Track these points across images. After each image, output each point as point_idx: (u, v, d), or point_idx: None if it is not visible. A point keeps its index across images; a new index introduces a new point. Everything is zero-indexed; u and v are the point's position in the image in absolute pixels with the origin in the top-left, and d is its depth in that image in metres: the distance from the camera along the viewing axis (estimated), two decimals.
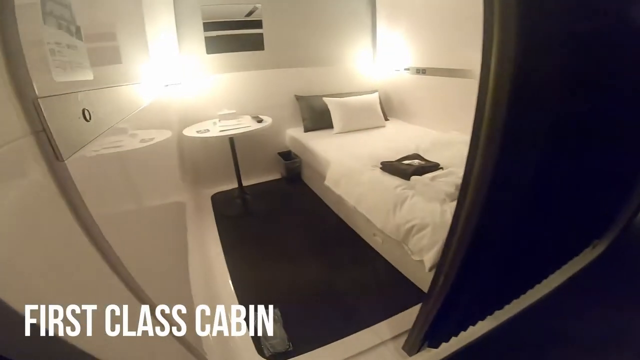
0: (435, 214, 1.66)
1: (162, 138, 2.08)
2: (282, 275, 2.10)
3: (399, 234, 1.80)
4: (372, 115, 3.44)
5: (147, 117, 1.69)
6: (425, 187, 1.83)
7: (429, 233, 1.63)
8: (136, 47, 1.91)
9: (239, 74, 3.33)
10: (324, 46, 3.65)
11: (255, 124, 2.77)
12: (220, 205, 3.11)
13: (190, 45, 3.09)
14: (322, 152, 2.78)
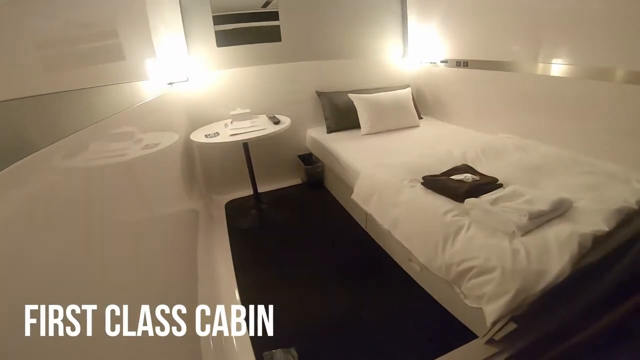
0: (504, 254, 1.23)
1: (165, 142, 1.87)
2: (300, 305, 1.77)
3: (448, 274, 1.38)
4: (404, 114, 2.99)
5: (138, 118, 1.51)
6: (486, 215, 1.40)
7: (495, 280, 1.21)
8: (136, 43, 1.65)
9: (253, 68, 2.95)
10: (348, 37, 3.22)
11: (272, 125, 2.38)
12: (235, 216, 2.77)
13: (198, 38, 2.74)
14: (349, 158, 2.37)
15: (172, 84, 2.26)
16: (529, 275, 1.18)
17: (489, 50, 2.59)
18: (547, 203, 1.37)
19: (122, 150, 1.24)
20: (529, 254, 1.22)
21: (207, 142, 2.18)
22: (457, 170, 1.80)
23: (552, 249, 1.22)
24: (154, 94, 1.88)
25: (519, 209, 1.35)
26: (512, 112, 2.53)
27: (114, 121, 1.16)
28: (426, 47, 3.23)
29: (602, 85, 1.86)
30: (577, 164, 1.85)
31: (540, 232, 1.31)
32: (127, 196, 1.18)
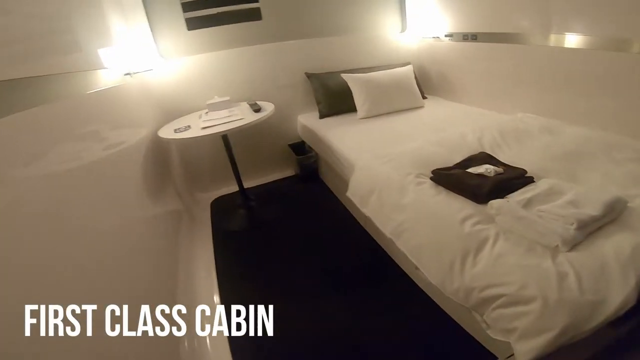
0: (547, 279, 0.90)
1: (126, 139, 1.65)
2: (289, 320, 1.48)
3: (467, 300, 1.05)
4: (406, 94, 2.61)
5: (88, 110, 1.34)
6: (518, 223, 1.05)
7: (534, 313, 0.88)
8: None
9: (232, 51, 2.57)
10: (339, 11, 2.82)
11: (252, 114, 2.04)
12: (221, 216, 2.47)
13: (165, 22, 2.38)
14: (343, 147, 2.02)
15: (130, 74, 1.91)
16: (581, 308, 0.85)
17: (499, 22, 2.25)
18: (597, 205, 1.03)
19: (76, 150, 1.14)
20: (580, 279, 0.89)
21: (175, 138, 1.84)
22: (474, 161, 1.44)
23: (612, 271, 0.89)
24: (108, 85, 1.59)
25: (563, 215, 1.01)
26: (528, 88, 2.20)
27: (48, 110, 1.02)
28: (428, 21, 2.85)
29: (624, 57, 1.60)
30: (617, 148, 1.49)
31: (593, 246, 0.97)
32: (79, 200, 1.06)
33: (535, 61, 2.07)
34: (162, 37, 2.39)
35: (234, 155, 2.28)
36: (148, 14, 2.31)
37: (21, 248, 0.73)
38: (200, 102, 2.38)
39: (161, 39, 2.39)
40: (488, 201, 1.17)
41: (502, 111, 2.31)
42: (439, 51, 2.87)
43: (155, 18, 2.33)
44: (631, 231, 1.01)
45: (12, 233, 0.71)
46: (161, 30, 2.38)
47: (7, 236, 0.69)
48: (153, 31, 2.35)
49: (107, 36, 1.85)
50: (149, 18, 2.30)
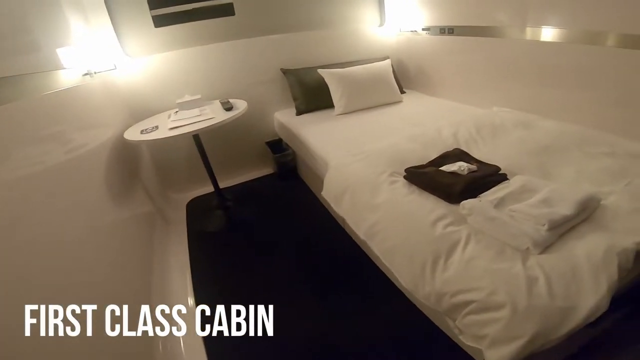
0: (517, 285, 0.86)
1: (88, 141, 1.59)
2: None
3: (439, 305, 1.01)
4: (384, 88, 2.56)
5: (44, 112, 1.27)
6: (490, 224, 1.02)
7: (503, 320, 0.84)
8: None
9: (203, 47, 2.46)
10: (316, 4, 2.73)
11: (223, 112, 1.95)
12: (197, 217, 2.39)
13: (130, 19, 2.25)
14: (318, 145, 1.96)
15: (90, 74, 1.80)
16: (551, 314, 0.82)
17: (476, 15, 2.22)
18: (570, 204, 1.00)
19: (33, 154, 1.09)
20: (550, 284, 0.85)
21: (141, 140, 1.75)
22: (448, 158, 1.40)
23: (584, 275, 0.86)
24: (67, 85, 1.51)
25: (535, 215, 0.97)
26: (503, 82, 2.18)
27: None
28: (406, 14, 2.79)
29: (600, 51, 1.58)
30: (591, 142, 1.48)
31: (565, 248, 0.94)
32: (39, 206, 1.02)
33: (511, 55, 2.05)
34: (128, 35, 2.26)
35: (207, 156, 2.19)
36: (111, 12, 2.17)
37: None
38: (170, 101, 2.26)
39: (126, 37, 2.26)
40: (461, 201, 1.13)
41: (479, 105, 2.28)
42: (417, 45, 2.83)
43: (119, 16, 2.20)
44: (604, 231, 0.99)
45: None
46: (126, 28, 2.25)
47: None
48: (117, 29, 2.22)
49: (66, 35, 1.75)
50: (111, 16, 2.17)
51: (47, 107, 1.31)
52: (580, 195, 1.05)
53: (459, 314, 0.95)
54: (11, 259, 0.82)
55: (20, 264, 0.85)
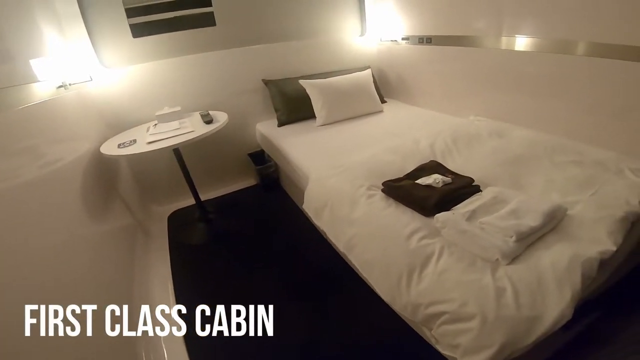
0: (486, 296, 0.91)
1: (63, 155, 1.60)
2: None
3: (415, 316, 1.06)
4: (365, 99, 2.61)
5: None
6: (462, 237, 1.07)
7: (474, 330, 0.89)
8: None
9: (183, 58, 2.45)
10: (297, 15, 2.77)
11: (203, 126, 1.97)
12: (178, 230, 2.39)
13: (108, 29, 2.22)
14: (298, 157, 1.99)
15: (65, 87, 1.79)
16: (517, 324, 0.86)
17: (453, 25, 2.29)
18: (537, 215, 1.06)
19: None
20: (517, 295, 0.91)
21: (118, 155, 1.76)
22: (424, 170, 1.46)
23: (549, 285, 0.91)
24: (41, 98, 1.51)
25: (503, 227, 1.03)
26: (480, 91, 2.26)
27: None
28: (386, 24, 2.86)
29: (570, 59, 1.66)
30: (561, 151, 1.56)
31: (532, 259, 1.00)
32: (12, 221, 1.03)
33: (487, 64, 2.13)
34: (104, 46, 2.24)
35: (187, 168, 2.20)
36: (87, 21, 2.14)
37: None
38: (149, 113, 2.26)
39: (103, 47, 2.24)
40: (435, 213, 1.18)
41: (457, 114, 2.36)
42: (397, 54, 2.89)
43: (95, 25, 2.18)
44: (569, 241, 1.05)
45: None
46: (103, 38, 2.22)
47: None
48: (93, 39, 2.19)
49: (40, 46, 1.74)
50: (88, 26, 2.15)
51: (21, 121, 1.31)
52: (547, 206, 1.11)
53: (434, 324, 1.00)
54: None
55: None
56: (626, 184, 1.28)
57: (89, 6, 2.14)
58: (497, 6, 1.94)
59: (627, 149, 1.50)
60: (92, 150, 1.90)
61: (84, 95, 2.12)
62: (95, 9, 2.17)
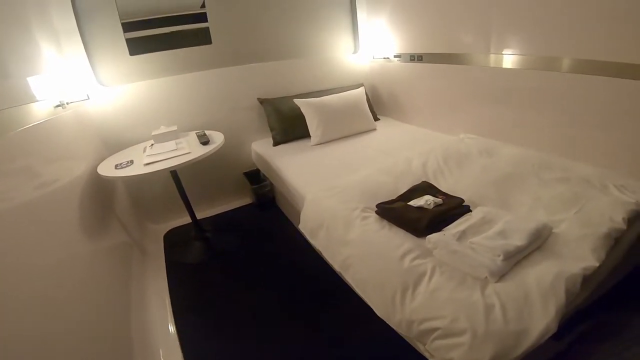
0: (475, 312, 0.98)
1: (60, 176, 1.63)
2: (249, 353, 1.59)
3: (410, 332, 1.12)
4: (359, 117, 2.72)
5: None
6: (453, 256, 1.14)
7: (465, 345, 0.95)
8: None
9: (179, 77, 2.54)
10: (292, 34, 2.88)
11: (200, 147, 2.05)
12: (175, 249, 2.44)
13: (105, 47, 2.30)
14: (294, 178, 2.06)
15: (62, 106, 1.84)
16: (505, 338, 0.93)
17: (443, 43, 2.41)
18: (523, 235, 1.14)
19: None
20: (505, 310, 0.98)
21: (115, 176, 1.82)
22: (416, 191, 1.54)
23: (534, 300, 0.99)
24: (38, 119, 1.54)
25: (492, 247, 1.10)
26: (470, 108, 2.37)
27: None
28: (379, 41, 2.99)
29: (556, 76, 1.76)
30: (548, 168, 1.66)
31: (519, 276, 1.07)
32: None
33: (476, 81, 2.23)
34: (102, 63, 2.31)
35: (183, 188, 2.26)
36: (85, 38, 2.21)
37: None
38: (146, 131, 2.33)
39: (100, 65, 2.31)
40: (427, 234, 1.25)
41: (448, 131, 2.46)
42: (389, 72, 3.01)
43: (93, 42, 2.25)
44: (554, 258, 1.12)
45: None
46: (100, 56, 2.29)
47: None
48: (90, 57, 2.26)
49: (38, 63, 1.78)
50: (85, 42, 2.21)
51: (20, 143, 1.35)
52: (533, 226, 1.19)
53: (428, 339, 1.06)
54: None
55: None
56: (610, 200, 1.35)
57: (86, 22, 2.21)
58: (485, 25, 2.05)
59: (612, 164, 1.60)
60: (89, 171, 1.95)
61: (81, 115, 2.17)
62: (92, 24, 2.23)
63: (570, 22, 1.65)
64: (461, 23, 2.23)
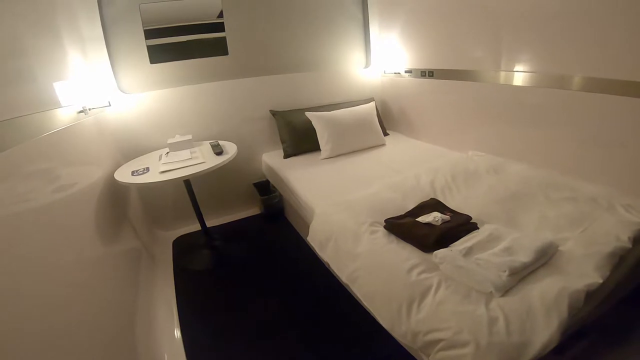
0: (479, 325, 1.04)
1: (79, 181, 1.71)
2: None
3: (415, 343, 1.19)
4: (369, 132, 2.81)
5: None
6: (458, 271, 1.21)
7: (469, 356, 1.01)
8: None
9: (196, 87, 2.67)
10: (306, 47, 3.01)
11: (213, 157, 2.15)
12: (183, 255, 2.53)
13: (127, 54, 2.43)
14: (304, 191, 2.15)
15: (85, 112, 1.93)
16: (508, 350, 0.99)
17: (453, 59, 2.50)
18: (529, 252, 1.21)
19: (22, 192, 1.18)
20: (508, 323, 1.04)
21: (132, 183, 1.91)
22: (425, 208, 1.62)
23: (537, 314, 1.05)
24: (62, 124, 1.62)
25: (497, 263, 1.17)
26: (479, 125, 2.44)
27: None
28: (390, 56, 3.10)
29: (566, 94, 1.81)
30: (555, 187, 1.72)
31: (523, 291, 1.13)
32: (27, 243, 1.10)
33: (486, 98, 2.30)
34: (123, 70, 2.45)
35: (195, 197, 2.35)
36: (109, 45, 2.35)
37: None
38: (161, 139, 2.44)
39: (122, 72, 2.45)
40: (434, 250, 1.32)
41: (456, 147, 2.54)
42: (400, 87, 3.11)
43: (116, 50, 2.38)
44: (559, 275, 1.18)
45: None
46: (122, 63, 2.43)
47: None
48: (113, 64, 2.39)
49: (64, 69, 1.87)
50: (109, 50, 2.36)
51: (43, 147, 1.40)
52: (539, 244, 1.26)
53: (432, 350, 1.12)
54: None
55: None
56: (617, 220, 1.42)
57: (112, 29, 2.35)
58: (496, 41, 2.12)
59: (620, 183, 1.65)
60: (105, 176, 2.03)
61: (101, 121, 2.28)
62: (116, 32, 2.37)
63: (580, 40, 1.71)
64: (472, 39, 2.31)
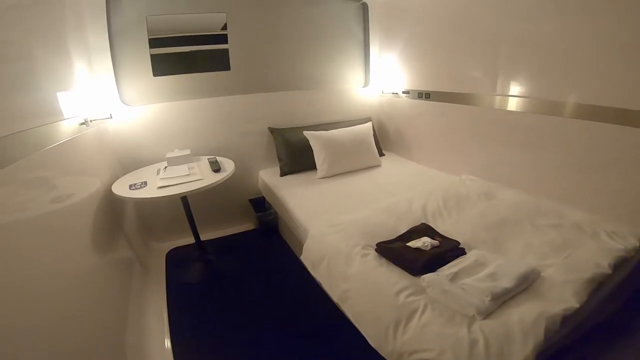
0: (461, 347, 1.13)
1: (77, 192, 1.75)
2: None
3: None
4: (365, 152, 2.92)
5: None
6: (444, 296, 1.30)
7: None
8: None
9: (197, 101, 2.76)
10: (306, 65, 3.12)
11: (211, 174, 2.23)
12: (177, 268, 2.58)
13: (131, 66, 2.51)
14: (299, 211, 2.24)
15: (86, 123, 1.96)
16: None
17: (450, 81, 2.61)
18: (512, 278, 1.30)
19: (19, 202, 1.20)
20: (488, 345, 1.12)
21: (130, 197, 1.98)
22: (415, 233, 1.71)
23: (515, 337, 1.13)
24: (64, 137, 1.66)
25: (481, 288, 1.26)
26: (473, 148, 2.54)
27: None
28: (389, 77, 3.22)
29: (559, 121, 1.91)
30: (542, 214, 1.83)
31: (504, 315, 1.22)
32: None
33: (480, 122, 2.41)
34: (126, 82, 2.51)
35: (191, 211, 2.42)
36: (114, 56, 2.42)
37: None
38: (160, 152, 2.52)
39: (125, 84, 2.51)
40: (422, 274, 1.41)
41: (450, 170, 2.64)
42: (397, 107, 3.23)
43: (121, 61, 2.46)
44: (539, 300, 1.27)
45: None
46: (126, 75, 2.50)
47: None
48: (117, 75, 2.46)
49: (69, 79, 1.90)
50: (114, 61, 2.42)
51: (44, 159, 1.44)
52: (522, 270, 1.35)
53: None
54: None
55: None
56: (599, 246, 1.52)
57: (118, 40, 2.41)
58: (493, 67, 2.23)
59: (608, 210, 1.75)
60: (103, 188, 2.08)
61: (102, 133, 2.33)
62: (122, 43, 2.43)
63: (574, 67, 1.81)
64: (469, 64, 2.43)
